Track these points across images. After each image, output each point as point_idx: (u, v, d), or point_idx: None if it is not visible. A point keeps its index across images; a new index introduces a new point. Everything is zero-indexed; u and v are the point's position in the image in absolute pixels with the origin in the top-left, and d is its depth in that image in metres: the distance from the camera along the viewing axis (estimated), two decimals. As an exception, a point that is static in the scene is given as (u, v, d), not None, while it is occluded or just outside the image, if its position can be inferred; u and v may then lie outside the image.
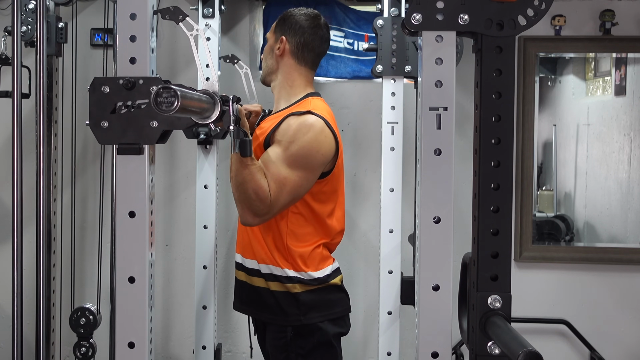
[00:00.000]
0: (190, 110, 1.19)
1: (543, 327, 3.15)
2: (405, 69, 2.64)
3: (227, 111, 1.47)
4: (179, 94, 1.04)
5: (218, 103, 1.39)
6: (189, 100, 1.15)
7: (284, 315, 2.04)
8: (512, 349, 1.04)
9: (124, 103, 1.26)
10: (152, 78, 1.26)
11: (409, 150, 2.71)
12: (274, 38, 2.14)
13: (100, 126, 1.27)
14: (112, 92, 1.27)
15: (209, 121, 1.38)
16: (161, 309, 3.22)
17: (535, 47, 3.12)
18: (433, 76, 1.20)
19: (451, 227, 1.21)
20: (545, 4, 1.19)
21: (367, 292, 3.18)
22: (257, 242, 2.07)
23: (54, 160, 2.90)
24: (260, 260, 2.06)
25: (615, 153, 3.23)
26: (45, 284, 2.17)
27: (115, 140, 1.27)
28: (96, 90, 1.27)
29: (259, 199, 1.87)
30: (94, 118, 1.27)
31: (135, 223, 1.28)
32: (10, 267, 1.92)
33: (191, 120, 1.31)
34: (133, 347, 1.27)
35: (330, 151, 2.00)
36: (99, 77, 1.28)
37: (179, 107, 1.05)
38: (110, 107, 1.27)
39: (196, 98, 1.24)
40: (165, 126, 1.27)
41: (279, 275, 2.04)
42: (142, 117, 1.26)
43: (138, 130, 1.27)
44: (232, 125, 1.49)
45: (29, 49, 2.75)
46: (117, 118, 1.27)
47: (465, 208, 1.40)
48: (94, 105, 1.27)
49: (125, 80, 1.25)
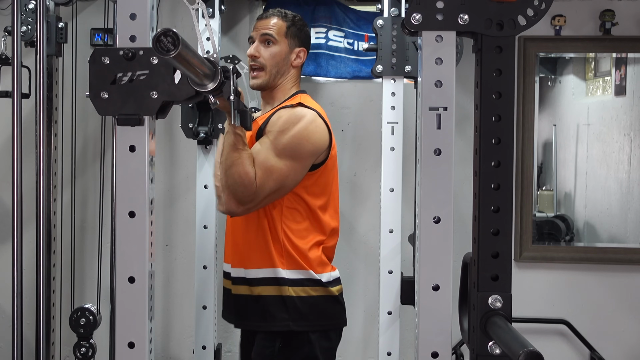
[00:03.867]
0: (190, 65, 1.17)
1: (543, 327, 3.15)
2: (405, 69, 2.64)
3: (227, 82, 1.45)
4: (180, 39, 1.03)
5: (219, 72, 1.38)
6: (190, 54, 1.13)
7: (272, 321, 2.00)
8: (512, 348, 1.04)
9: (124, 74, 1.26)
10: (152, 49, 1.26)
11: (409, 150, 2.71)
12: (288, 45, 2.10)
13: (100, 97, 1.27)
14: (112, 63, 1.26)
15: (208, 89, 1.36)
16: (161, 309, 3.22)
17: (535, 47, 3.12)
18: (433, 76, 1.20)
19: (451, 227, 1.21)
20: (545, 4, 1.19)
21: (367, 292, 3.17)
22: (249, 247, 2.03)
23: (54, 160, 2.90)
24: (253, 265, 2.02)
25: (615, 153, 3.23)
26: (45, 284, 2.17)
27: (115, 111, 1.27)
28: (96, 61, 1.27)
29: (244, 184, 1.87)
30: (94, 89, 1.27)
31: (135, 223, 1.28)
32: (10, 267, 1.92)
33: (191, 90, 1.29)
34: (133, 347, 1.27)
35: (322, 141, 2.00)
36: (99, 49, 1.28)
37: (179, 51, 1.03)
38: (111, 78, 1.26)
39: (197, 55, 1.22)
40: (166, 97, 1.27)
41: (273, 278, 2.00)
42: (142, 88, 1.26)
43: (138, 101, 1.26)
44: (232, 96, 1.48)
45: (29, 49, 2.75)
46: (117, 89, 1.26)
47: (465, 208, 1.40)
48: (94, 77, 1.27)
49: (125, 51, 1.25)
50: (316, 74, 3.10)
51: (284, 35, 2.09)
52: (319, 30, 3.12)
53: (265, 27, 2.08)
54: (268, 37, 2.07)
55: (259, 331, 2.05)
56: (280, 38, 2.08)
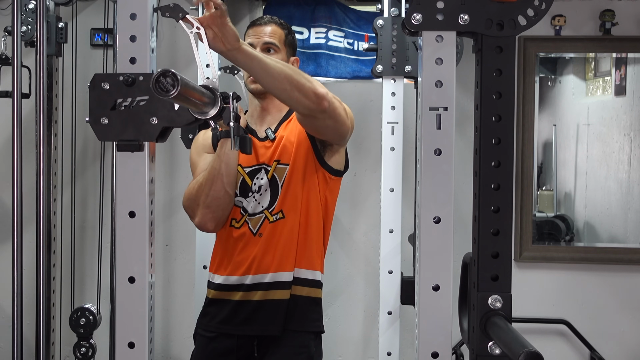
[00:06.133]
0: (190, 100, 1.18)
1: (543, 327, 3.15)
2: (405, 69, 2.64)
3: (227, 108, 1.46)
4: (179, 79, 1.04)
5: (218, 99, 1.39)
6: (189, 89, 1.14)
7: (309, 322, 2.02)
8: (512, 349, 1.04)
9: (124, 99, 1.26)
10: (152, 74, 1.26)
11: (409, 150, 2.71)
12: (286, 54, 2.09)
13: (100, 123, 1.27)
14: (112, 88, 1.27)
15: (209, 117, 1.37)
16: (161, 309, 3.22)
17: (535, 47, 3.12)
18: (433, 76, 1.20)
19: (451, 227, 1.21)
20: (545, 4, 1.19)
21: (367, 292, 3.17)
22: (309, 247, 2.01)
23: (54, 160, 2.90)
24: (304, 266, 2.00)
25: (615, 153, 3.23)
26: (45, 284, 2.17)
27: (115, 136, 1.27)
28: (96, 86, 1.27)
29: (309, 79, 1.79)
30: (94, 115, 1.27)
31: (135, 223, 1.28)
32: (10, 267, 1.92)
33: (191, 116, 1.30)
34: (133, 347, 1.27)
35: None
36: (99, 74, 1.28)
37: (178, 91, 1.04)
38: (110, 104, 1.27)
39: (197, 89, 1.24)
40: (165, 123, 1.27)
41: (309, 280, 2.01)
42: (142, 114, 1.26)
43: (138, 127, 1.26)
44: (232, 122, 1.49)
45: (29, 49, 2.75)
46: (117, 115, 1.27)
47: (465, 208, 1.40)
48: (94, 102, 1.27)
49: (125, 77, 1.25)
50: (316, 74, 3.10)
51: (283, 43, 2.08)
52: (319, 30, 3.12)
53: (266, 35, 2.06)
54: (270, 45, 2.04)
55: (295, 333, 2.00)
56: (281, 46, 2.07)
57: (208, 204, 1.96)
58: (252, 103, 2.10)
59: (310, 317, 2.02)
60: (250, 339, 1.99)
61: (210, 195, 1.95)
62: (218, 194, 1.94)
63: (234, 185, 1.98)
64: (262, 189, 1.99)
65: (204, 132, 2.14)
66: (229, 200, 1.98)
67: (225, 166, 1.94)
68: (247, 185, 2.01)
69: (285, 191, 1.98)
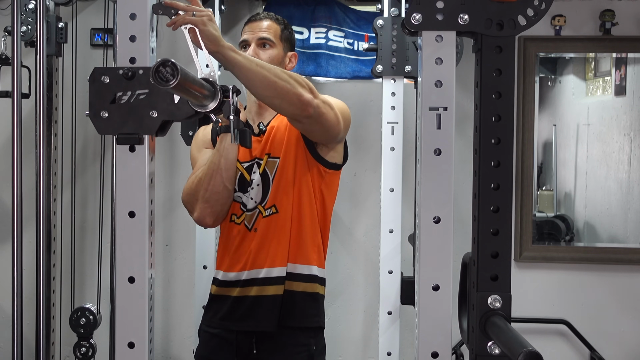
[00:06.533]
0: (190, 92, 1.17)
1: (543, 327, 3.15)
2: (405, 69, 2.64)
3: (227, 101, 1.46)
4: (179, 68, 1.04)
5: (218, 92, 1.39)
6: (189, 80, 1.14)
7: (307, 318, 1.99)
8: (512, 349, 1.04)
9: (124, 93, 1.26)
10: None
11: (409, 150, 2.71)
12: (283, 49, 2.07)
13: (100, 116, 1.27)
14: (112, 82, 1.27)
15: (208, 110, 1.36)
16: (161, 309, 3.22)
17: (535, 47, 3.12)
18: (433, 76, 1.20)
19: (451, 227, 1.21)
20: (545, 4, 1.19)
21: (367, 292, 3.17)
22: (303, 243, 1.99)
23: (54, 160, 2.90)
24: (299, 261, 1.98)
25: (615, 153, 3.23)
26: (45, 284, 2.17)
27: (115, 130, 1.27)
28: (96, 80, 1.27)
29: (297, 82, 1.78)
30: (94, 108, 1.27)
31: (135, 223, 1.28)
32: (10, 267, 1.92)
33: (191, 110, 1.29)
34: (133, 347, 1.27)
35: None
36: (99, 67, 1.28)
37: (178, 81, 1.03)
38: (110, 97, 1.26)
39: (197, 80, 1.23)
40: (165, 116, 1.27)
41: (305, 275, 1.98)
42: (142, 108, 1.26)
43: (138, 121, 1.27)
44: (231, 115, 1.49)
45: (29, 49, 2.75)
46: (117, 108, 1.27)
47: (465, 208, 1.40)
48: (93, 96, 1.27)
49: (125, 70, 1.25)
50: (316, 74, 3.10)
51: (279, 38, 2.07)
52: (319, 30, 3.11)
53: (261, 30, 2.04)
54: (265, 41, 2.03)
55: (294, 330, 1.98)
56: (277, 41, 2.06)
57: (207, 199, 1.95)
58: (250, 99, 2.08)
59: (308, 313, 1.99)
60: (248, 335, 1.98)
61: (209, 190, 1.94)
62: (217, 189, 1.94)
63: (233, 180, 1.98)
64: (254, 183, 1.99)
65: (204, 128, 2.14)
66: (227, 195, 1.97)
67: (224, 161, 1.94)
68: (245, 180, 2.00)
69: (276, 185, 1.96)
